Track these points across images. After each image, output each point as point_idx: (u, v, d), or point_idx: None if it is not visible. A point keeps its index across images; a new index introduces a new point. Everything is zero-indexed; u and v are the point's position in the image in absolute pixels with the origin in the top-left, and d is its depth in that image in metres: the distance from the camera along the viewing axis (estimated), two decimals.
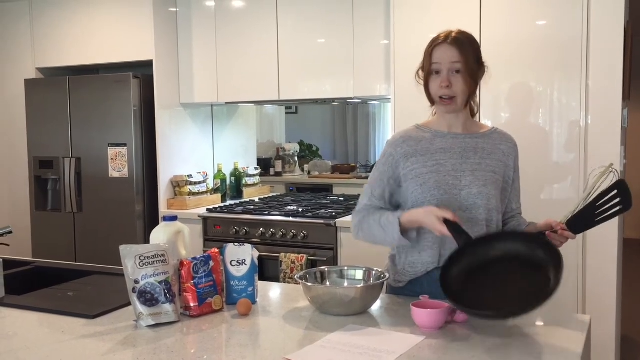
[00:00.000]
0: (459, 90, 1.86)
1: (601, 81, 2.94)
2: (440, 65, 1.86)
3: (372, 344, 1.55)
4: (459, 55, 1.84)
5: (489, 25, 3.13)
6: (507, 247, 1.71)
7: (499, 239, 1.77)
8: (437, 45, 1.87)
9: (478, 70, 1.89)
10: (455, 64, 1.85)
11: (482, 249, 1.71)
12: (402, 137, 1.96)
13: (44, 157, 4.27)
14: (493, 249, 1.71)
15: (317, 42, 3.77)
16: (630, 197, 1.71)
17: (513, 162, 1.97)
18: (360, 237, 1.98)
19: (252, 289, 1.92)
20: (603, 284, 2.99)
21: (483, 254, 1.70)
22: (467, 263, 1.70)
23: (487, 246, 1.72)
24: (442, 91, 1.86)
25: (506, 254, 1.70)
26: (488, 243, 1.73)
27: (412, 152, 1.91)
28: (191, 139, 4.25)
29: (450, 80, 1.85)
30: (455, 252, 1.71)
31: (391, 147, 1.96)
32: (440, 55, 1.86)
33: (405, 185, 1.92)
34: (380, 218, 1.89)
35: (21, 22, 4.41)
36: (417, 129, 1.98)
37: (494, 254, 1.71)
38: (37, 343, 1.62)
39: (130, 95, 3.95)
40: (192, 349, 1.59)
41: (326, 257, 3.45)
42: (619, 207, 1.70)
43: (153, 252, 1.77)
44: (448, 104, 1.88)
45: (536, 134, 3.11)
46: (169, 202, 4.05)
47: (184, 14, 4.11)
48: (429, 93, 1.91)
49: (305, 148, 6.91)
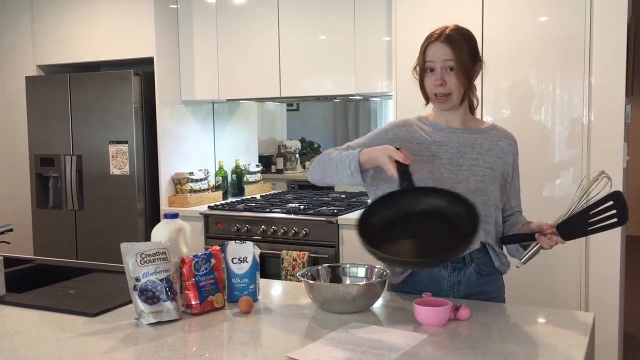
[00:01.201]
0: (453, 87, 1.85)
1: (604, 77, 2.93)
2: (434, 63, 1.85)
3: (375, 342, 1.54)
4: (451, 53, 1.83)
5: (491, 21, 3.12)
6: (434, 202, 1.71)
7: (427, 193, 1.75)
8: (430, 43, 1.86)
9: (473, 66, 1.87)
10: (447, 62, 1.83)
11: (411, 200, 1.71)
12: (404, 121, 1.98)
13: (45, 154, 4.27)
14: (420, 202, 1.72)
15: (319, 39, 3.76)
16: (626, 212, 1.67)
17: (512, 159, 1.96)
18: (314, 173, 1.94)
19: (253, 287, 1.91)
20: (606, 282, 2.99)
21: (409, 206, 1.71)
22: (393, 211, 1.71)
23: (415, 198, 1.72)
24: (437, 89, 1.86)
25: (432, 208, 1.71)
26: (417, 195, 1.73)
27: (408, 138, 1.92)
28: (192, 136, 4.25)
29: (444, 78, 1.84)
30: (390, 194, 1.72)
31: (390, 125, 1.98)
32: (433, 53, 1.85)
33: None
34: (340, 153, 1.85)
35: (22, 19, 4.40)
36: (419, 120, 1.99)
37: (420, 207, 1.71)
38: (37, 341, 1.61)
39: (131, 93, 3.94)
40: (193, 347, 1.58)
41: (328, 255, 3.44)
42: (614, 220, 1.67)
43: (154, 250, 1.76)
44: (443, 101, 1.87)
45: (538, 131, 3.10)
46: (170, 200, 4.04)
47: (185, 10, 4.10)
48: (424, 90, 1.91)
49: (307, 145, 6.91)
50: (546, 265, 2.95)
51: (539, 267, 2.54)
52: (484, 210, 1.86)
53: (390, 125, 1.98)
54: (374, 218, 1.71)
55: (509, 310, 1.83)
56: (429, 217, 1.71)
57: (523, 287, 1.74)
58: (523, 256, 1.84)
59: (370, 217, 1.71)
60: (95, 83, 4.09)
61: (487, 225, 1.88)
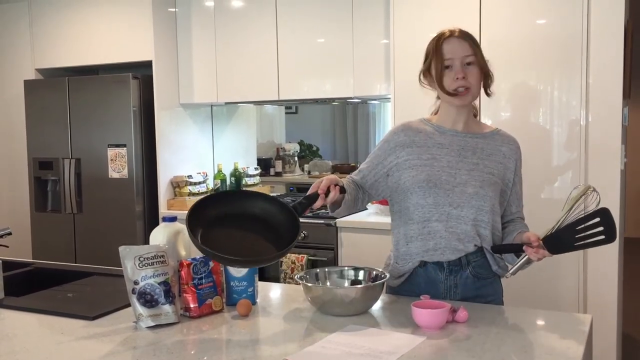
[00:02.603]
0: (473, 81, 1.87)
1: (601, 79, 2.94)
2: (453, 59, 1.85)
3: (373, 345, 1.54)
4: (470, 48, 1.86)
5: (488, 23, 3.12)
6: (265, 207, 1.77)
7: (261, 199, 1.80)
8: (445, 40, 1.87)
9: (485, 63, 1.91)
10: (467, 57, 1.86)
11: (245, 202, 1.77)
12: (403, 125, 1.98)
13: (43, 158, 4.27)
14: (253, 206, 1.77)
15: (317, 42, 3.77)
16: (614, 230, 1.64)
17: (514, 165, 1.95)
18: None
19: (252, 290, 1.91)
20: (604, 283, 2.99)
21: (242, 207, 1.76)
22: (227, 209, 1.76)
23: (249, 202, 1.78)
24: (458, 82, 1.85)
25: (262, 213, 1.76)
26: (252, 200, 1.78)
27: (408, 142, 1.92)
28: (191, 139, 4.25)
29: (465, 71, 1.85)
30: (228, 193, 1.76)
31: (390, 134, 1.99)
32: (451, 49, 1.86)
33: (397, 175, 1.92)
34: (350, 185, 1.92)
35: (20, 23, 4.41)
36: (421, 122, 1.99)
37: (252, 210, 1.76)
38: (36, 344, 1.61)
39: (130, 96, 3.94)
40: (192, 350, 1.58)
41: (326, 257, 3.44)
42: (602, 237, 1.65)
43: (152, 253, 1.76)
44: (463, 95, 1.87)
45: (536, 133, 3.10)
46: (169, 203, 4.04)
47: (183, 14, 4.11)
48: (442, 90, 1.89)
49: (305, 148, 6.90)
50: (544, 267, 2.95)
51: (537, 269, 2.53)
52: (480, 216, 1.87)
53: (389, 135, 1.98)
54: (211, 209, 1.75)
55: (507, 312, 1.83)
56: (259, 221, 1.76)
57: (521, 289, 1.74)
58: (511, 268, 1.83)
59: (208, 206, 1.75)
60: (93, 86, 4.09)
61: (484, 230, 1.88)
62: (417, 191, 1.88)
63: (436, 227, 1.87)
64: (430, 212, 1.87)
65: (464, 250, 1.88)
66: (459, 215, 1.86)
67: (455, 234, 1.87)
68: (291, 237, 1.69)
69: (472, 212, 1.86)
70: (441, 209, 1.87)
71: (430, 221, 1.87)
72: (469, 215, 1.86)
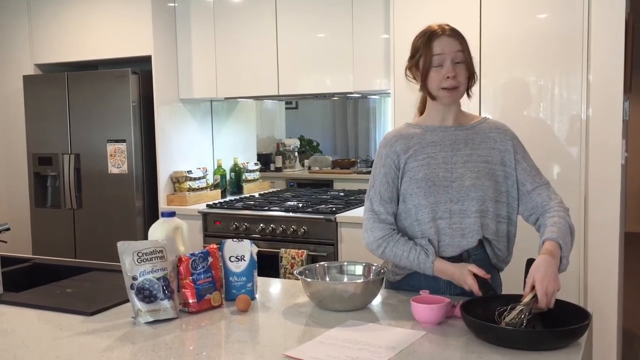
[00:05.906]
0: (462, 79, 1.86)
1: (602, 74, 2.93)
2: (444, 56, 1.85)
3: (372, 340, 1.54)
4: (460, 45, 1.86)
5: (489, 18, 3.11)
6: None
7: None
8: (436, 37, 1.86)
9: (472, 63, 1.91)
10: (458, 54, 1.85)
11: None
12: (394, 135, 1.96)
13: (43, 153, 4.26)
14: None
15: (317, 37, 3.76)
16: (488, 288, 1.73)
17: (510, 145, 1.92)
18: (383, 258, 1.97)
19: (251, 285, 1.91)
20: (604, 279, 2.98)
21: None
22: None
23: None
24: (448, 82, 1.85)
25: None
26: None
27: (405, 149, 1.91)
28: (190, 134, 4.24)
29: (455, 70, 1.85)
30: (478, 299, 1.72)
31: (386, 148, 1.94)
32: (442, 46, 1.85)
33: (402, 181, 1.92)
34: (409, 254, 1.86)
35: (19, 18, 4.39)
36: (408, 127, 1.98)
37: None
38: (35, 340, 1.61)
39: (129, 91, 3.93)
40: (190, 346, 1.58)
41: (326, 253, 3.44)
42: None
43: (151, 249, 1.76)
44: (453, 93, 1.87)
45: (537, 128, 3.09)
46: (169, 198, 4.04)
47: (183, 9, 4.09)
48: (427, 87, 1.89)
49: (306, 143, 6.90)
50: None
51: None
52: (481, 206, 1.86)
53: (386, 149, 1.93)
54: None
55: None
56: None
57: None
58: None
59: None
60: (93, 82, 4.08)
61: (485, 219, 1.88)
62: (417, 192, 1.87)
63: (439, 225, 1.86)
64: (433, 211, 1.86)
65: (467, 246, 1.87)
66: (461, 210, 1.86)
67: (459, 229, 1.86)
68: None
69: (473, 203, 1.86)
70: (443, 206, 1.86)
71: (434, 220, 1.86)
72: (472, 207, 1.86)
